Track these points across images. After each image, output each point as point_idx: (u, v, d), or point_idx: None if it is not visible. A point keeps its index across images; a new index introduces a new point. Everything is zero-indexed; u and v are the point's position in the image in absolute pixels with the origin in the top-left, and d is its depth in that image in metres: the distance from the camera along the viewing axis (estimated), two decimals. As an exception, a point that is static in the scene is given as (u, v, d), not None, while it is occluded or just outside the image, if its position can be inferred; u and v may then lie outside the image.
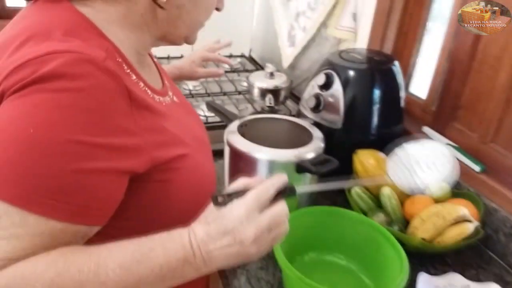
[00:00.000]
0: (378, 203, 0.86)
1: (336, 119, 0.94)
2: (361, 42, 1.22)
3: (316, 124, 0.96)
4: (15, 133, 0.44)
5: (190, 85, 1.51)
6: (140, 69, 0.58)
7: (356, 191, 0.86)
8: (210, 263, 0.49)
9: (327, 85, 0.94)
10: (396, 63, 0.97)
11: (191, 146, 0.61)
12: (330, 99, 0.94)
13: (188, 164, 0.58)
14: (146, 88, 0.58)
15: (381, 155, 0.89)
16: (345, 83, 0.93)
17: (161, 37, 0.61)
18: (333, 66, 0.96)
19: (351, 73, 0.94)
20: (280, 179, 0.52)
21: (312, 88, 1.00)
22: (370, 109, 0.93)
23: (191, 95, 1.43)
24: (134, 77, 0.55)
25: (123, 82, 0.49)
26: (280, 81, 1.37)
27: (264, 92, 1.35)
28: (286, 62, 1.59)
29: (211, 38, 1.17)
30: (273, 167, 0.75)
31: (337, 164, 0.73)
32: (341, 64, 0.95)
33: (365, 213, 0.85)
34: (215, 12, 0.65)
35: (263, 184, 0.51)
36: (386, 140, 0.97)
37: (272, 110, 1.32)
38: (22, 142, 0.43)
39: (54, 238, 0.45)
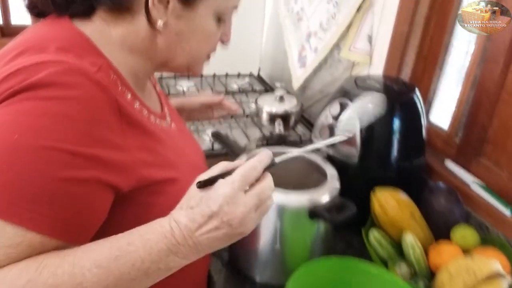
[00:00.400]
0: (399, 250, 0.78)
1: (352, 153, 0.86)
2: (377, 66, 1.14)
3: (330, 158, 0.89)
4: (0, 139, 0.44)
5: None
6: (138, 91, 0.59)
7: (375, 236, 0.78)
8: (199, 249, 0.47)
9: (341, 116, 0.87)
10: (417, 92, 0.89)
11: (184, 172, 0.60)
12: (346, 133, 0.87)
13: (177, 189, 0.54)
14: (143, 108, 0.58)
15: (402, 195, 0.81)
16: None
17: (162, 64, 0.61)
18: (348, 95, 0.89)
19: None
20: (267, 155, 0.51)
21: (325, 118, 0.93)
22: (389, 142, 0.85)
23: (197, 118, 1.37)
24: (129, 95, 0.55)
25: (114, 96, 0.49)
26: (290, 105, 1.30)
27: (273, 117, 1.28)
28: (296, 84, 1.52)
29: (219, 56, 1.11)
30: (282, 212, 0.68)
31: (355, 210, 0.65)
32: (357, 93, 0.88)
33: (384, 262, 0.76)
34: None
35: (250, 162, 0.49)
36: (406, 175, 0.90)
37: (281, 137, 1.25)
38: (6, 148, 0.43)
39: (32, 250, 0.44)
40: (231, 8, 0.61)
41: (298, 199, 0.67)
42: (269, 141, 1.27)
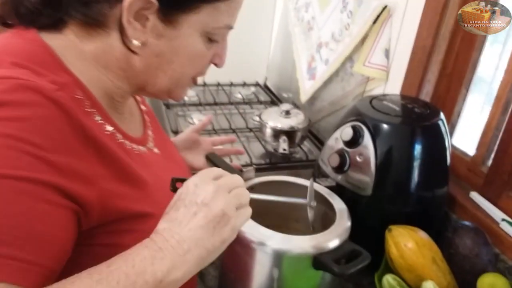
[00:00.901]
0: (417, 300, 0.67)
1: (365, 184, 0.76)
2: (394, 83, 1.04)
3: (339, 187, 0.79)
4: None
5: (196, 119, 1.35)
6: (112, 113, 0.53)
7: (390, 283, 0.68)
8: (184, 249, 0.43)
9: (354, 141, 0.77)
10: (442, 115, 0.79)
11: (162, 207, 0.51)
12: (358, 159, 0.77)
13: (151, 227, 0.47)
14: (116, 132, 0.52)
15: (422, 235, 0.71)
16: (378, 140, 0.75)
17: (140, 87, 0.55)
18: (363, 118, 0.78)
19: (385, 127, 0.76)
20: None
21: (335, 142, 0.83)
22: (408, 173, 0.75)
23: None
24: (98, 117, 0.49)
25: (77, 117, 0.44)
26: (296, 120, 1.20)
27: (277, 133, 1.18)
28: (304, 96, 1.42)
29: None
30: (281, 259, 0.57)
31: (369, 260, 0.54)
32: (373, 115, 0.78)
33: (400, 315, 0.66)
34: (231, 35, 0.56)
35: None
36: (426, 208, 0.79)
37: (285, 156, 1.15)
38: None
39: None
40: (224, 29, 0.53)
41: (300, 244, 0.57)
42: (273, 159, 1.17)
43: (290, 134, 1.17)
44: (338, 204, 0.68)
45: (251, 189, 0.69)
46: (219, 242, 0.45)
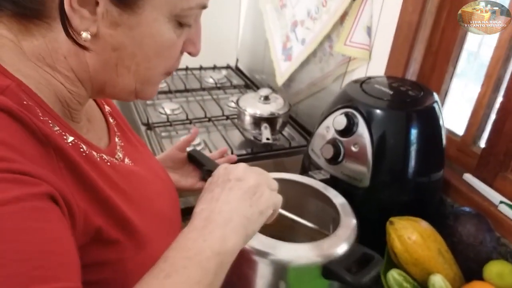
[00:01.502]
0: (424, 294, 0.64)
1: (362, 174, 0.71)
2: (377, 63, 0.99)
3: (333, 179, 0.74)
4: None
5: (167, 109, 1.26)
6: (68, 121, 0.44)
7: (395, 278, 0.64)
8: (230, 215, 0.43)
9: (348, 130, 0.71)
10: (436, 97, 0.75)
11: (147, 227, 0.46)
12: (353, 148, 0.72)
13: (127, 257, 0.42)
14: (79, 143, 0.42)
15: (425, 225, 0.67)
16: (373, 127, 0.70)
17: (97, 90, 0.45)
18: (354, 104, 0.73)
19: (380, 113, 0.71)
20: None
21: (326, 131, 0.77)
22: (405, 159, 0.71)
23: (169, 122, 1.18)
24: (56, 127, 0.40)
25: (34, 124, 0.36)
26: (276, 106, 1.13)
27: (258, 121, 1.11)
28: (280, 79, 1.36)
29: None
30: (285, 271, 0.51)
31: (382, 264, 0.50)
32: (366, 101, 0.73)
33: (409, 313, 0.63)
34: None
35: None
36: (423, 195, 0.76)
37: (268, 145, 1.09)
38: None
39: None
40: (196, 8, 0.43)
41: (306, 254, 0.51)
42: (254, 149, 1.10)
43: (271, 121, 1.11)
44: (338, 199, 0.63)
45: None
46: (258, 213, 0.45)
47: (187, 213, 0.86)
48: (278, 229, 0.57)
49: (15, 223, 0.31)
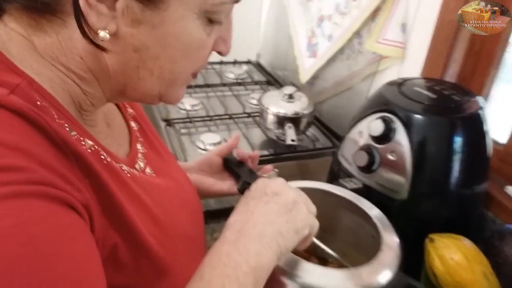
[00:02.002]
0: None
1: (399, 185, 0.66)
2: (412, 63, 0.93)
3: (367, 189, 0.68)
4: None
5: (187, 105, 1.22)
6: (85, 125, 0.39)
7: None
8: (264, 228, 0.41)
9: (385, 137, 0.66)
10: (482, 102, 0.69)
11: (169, 249, 0.42)
12: (390, 157, 0.66)
13: (146, 283, 0.38)
14: (99, 150, 0.38)
15: (467, 244, 0.62)
16: (413, 134, 0.65)
17: (117, 93, 0.40)
18: (392, 107, 0.67)
19: (421, 119, 0.65)
20: None
21: (358, 136, 0.72)
22: (448, 170, 0.65)
23: (189, 119, 1.14)
24: (73, 132, 0.36)
25: (50, 127, 0.32)
26: (301, 105, 1.08)
27: (281, 120, 1.06)
28: (304, 77, 1.30)
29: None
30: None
31: None
32: (405, 105, 0.67)
33: None
34: None
35: None
36: (465, 209, 0.70)
37: (290, 147, 1.04)
38: None
39: None
40: (229, 3, 0.39)
41: (342, 282, 0.45)
42: (277, 149, 1.05)
43: (295, 120, 1.05)
44: (373, 211, 0.58)
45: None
46: (293, 231, 0.42)
47: (208, 216, 0.83)
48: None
49: (50, 246, 0.27)
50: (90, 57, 0.36)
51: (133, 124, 0.50)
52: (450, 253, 0.59)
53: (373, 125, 0.67)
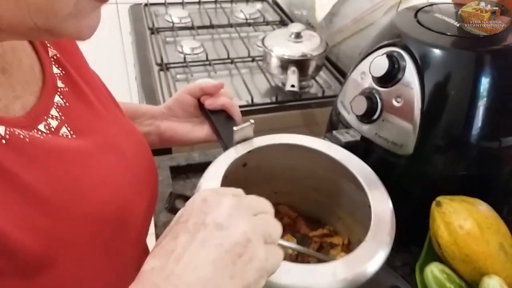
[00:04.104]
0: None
1: (404, 138, 0.53)
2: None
3: (366, 143, 0.57)
4: None
5: (187, 47, 1.11)
6: None
7: (434, 274, 0.49)
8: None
9: (390, 77, 0.53)
10: (522, 33, 0.53)
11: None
12: (395, 103, 0.54)
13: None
14: None
15: (483, 209, 0.50)
16: (426, 74, 0.51)
17: None
18: (403, 41, 0.54)
19: (439, 54, 0.51)
20: None
21: (360, 78, 0.59)
22: (469, 119, 0.52)
23: (186, 63, 1.04)
24: None
25: None
26: (310, 46, 0.94)
27: (285, 64, 0.93)
28: (321, 13, 1.14)
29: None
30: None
31: None
32: (419, 37, 0.53)
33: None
34: None
35: None
36: (487, 168, 0.57)
37: (295, 93, 0.92)
38: None
39: None
40: None
41: (319, 279, 0.35)
42: (279, 97, 0.94)
43: (301, 64, 0.92)
44: (365, 174, 0.46)
45: (244, 165, 0.48)
46: (243, 287, 0.28)
47: (190, 171, 0.74)
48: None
49: None
50: None
51: (55, 69, 0.40)
52: (460, 220, 0.48)
53: (376, 62, 0.54)
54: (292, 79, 0.89)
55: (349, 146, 0.53)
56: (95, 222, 0.35)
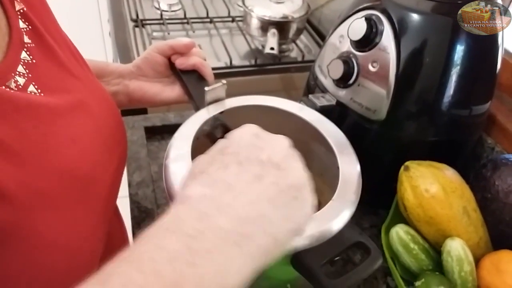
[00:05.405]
0: (436, 260, 0.51)
1: (378, 103, 0.54)
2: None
3: (341, 107, 0.57)
4: None
5: (163, 4, 1.06)
6: None
7: (399, 235, 0.51)
8: (251, 229, 0.25)
9: (368, 41, 0.53)
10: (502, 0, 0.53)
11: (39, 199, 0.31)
12: (371, 67, 0.53)
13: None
14: None
15: (449, 174, 0.52)
16: (403, 39, 0.51)
17: None
18: (384, 4, 0.53)
19: (417, 19, 0.51)
20: None
21: (338, 41, 0.58)
22: (442, 85, 0.52)
23: (162, 21, 1.00)
24: None
25: None
26: (292, 7, 0.92)
27: (265, 25, 0.91)
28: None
29: None
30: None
31: (380, 262, 0.35)
32: (399, 1, 0.52)
33: (412, 277, 0.51)
34: None
35: None
36: (458, 134, 0.59)
37: (274, 57, 0.90)
38: None
39: None
40: None
41: None
42: (259, 60, 0.92)
43: (282, 26, 0.90)
44: (335, 137, 0.47)
45: (216, 119, 0.47)
46: (292, 231, 0.27)
47: (167, 132, 0.73)
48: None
49: None
50: None
51: (21, 24, 0.37)
52: (426, 184, 0.49)
53: (354, 26, 0.53)
54: (271, 41, 0.87)
55: (324, 111, 0.53)
56: (66, 178, 0.34)
